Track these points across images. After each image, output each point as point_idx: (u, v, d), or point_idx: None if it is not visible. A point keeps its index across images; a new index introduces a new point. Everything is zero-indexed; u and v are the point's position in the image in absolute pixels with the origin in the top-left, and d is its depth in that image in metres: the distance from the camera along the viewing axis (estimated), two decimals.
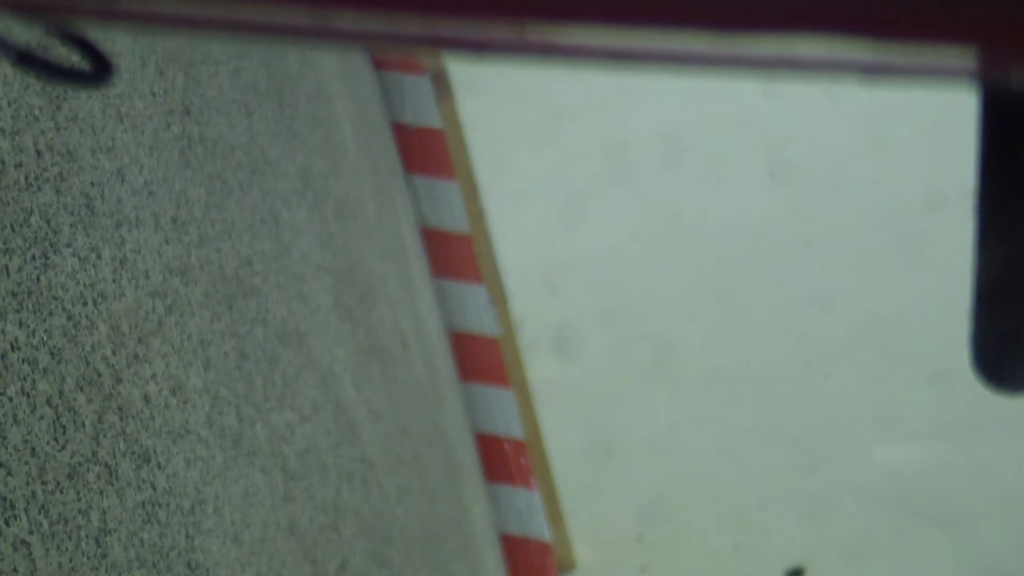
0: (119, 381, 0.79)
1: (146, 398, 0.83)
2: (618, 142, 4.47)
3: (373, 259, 1.79)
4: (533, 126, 4.67)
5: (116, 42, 0.93)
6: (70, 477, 0.68)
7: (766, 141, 4.22)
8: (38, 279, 0.70)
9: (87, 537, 0.69)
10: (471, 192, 2.60)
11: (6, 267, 0.67)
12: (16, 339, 0.66)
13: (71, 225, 0.77)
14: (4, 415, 0.63)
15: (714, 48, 0.26)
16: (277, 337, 1.21)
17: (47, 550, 0.64)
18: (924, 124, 3.75)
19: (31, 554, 0.62)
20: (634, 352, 3.39)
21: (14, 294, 0.67)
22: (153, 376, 0.85)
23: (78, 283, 0.76)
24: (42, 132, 0.76)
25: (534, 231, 4.09)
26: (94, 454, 0.72)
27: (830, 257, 3.53)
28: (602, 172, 4.32)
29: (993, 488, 2.55)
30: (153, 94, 1.01)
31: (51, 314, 0.71)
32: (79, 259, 0.77)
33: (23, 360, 0.66)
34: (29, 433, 0.65)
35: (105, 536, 0.71)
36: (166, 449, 0.85)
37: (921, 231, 3.52)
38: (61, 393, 0.69)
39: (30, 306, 0.68)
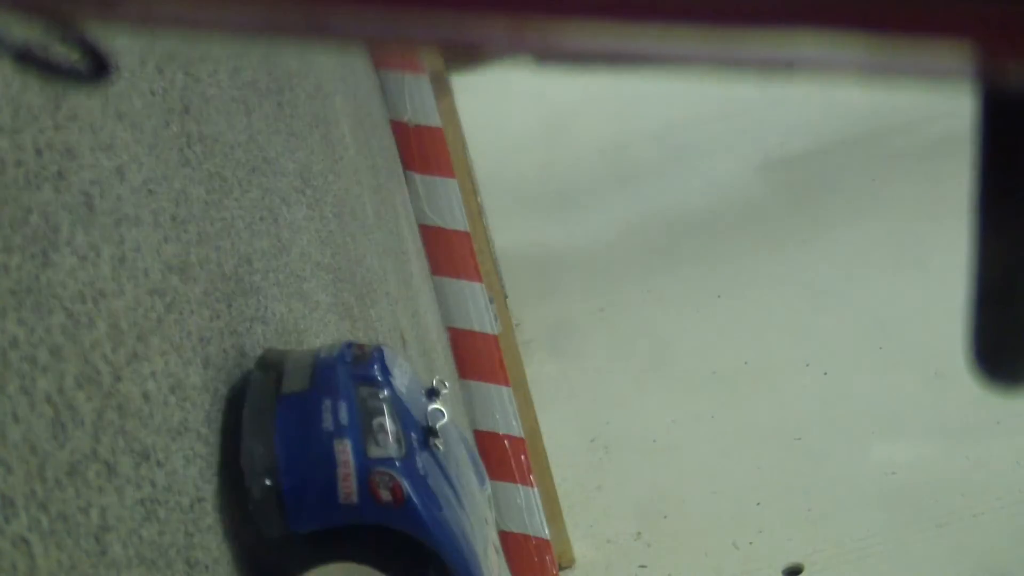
0: (118, 379, 0.79)
1: (145, 396, 0.83)
2: (614, 140, 4.47)
3: (372, 257, 1.79)
4: (531, 124, 4.67)
5: (115, 41, 0.93)
6: (70, 474, 0.68)
7: (763, 138, 4.22)
8: (37, 277, 0.70)
9: (86, 534, 0.69)
10: (470, 190, 2.61)
11: (6, 265, 0.67)
12: (16, 337, 0.66)
13: (71, 223, 0.77)
14: (4, 413, 0.63)
15: (710, 47, 0.26)
16: (277, 335, 1.21)
17: (46, 547, 0.64)
18: (921, 121, 3.74)
19: (31, 551, 0.63)
20: (632, 350, 3.39)
21: (14, 292, 0.67)
22: (152, 374, 0.85)
23: (77, 281, 0.76)
24: (41, 131, 0.76)
25: (532, 229, 4.09)
26: (93, 451, 0.72)
27: (829, 255, 3.53)
28: (599, 170, 4.32)
29: (990, 486, 2.55)
30: (152, 93, 1.01)
31: (51, 312, 0.71)
32: (78, 257, 0.77)
33: (23, 358, 0.66)
34: (29, 430, 0.65)
35: (104, 533, 0.72)
36: (165, 447, 0.85)
37: (919, 230, 3.52)
38: (61, 391, 0.69)
39: (30, 304, 0.68)
